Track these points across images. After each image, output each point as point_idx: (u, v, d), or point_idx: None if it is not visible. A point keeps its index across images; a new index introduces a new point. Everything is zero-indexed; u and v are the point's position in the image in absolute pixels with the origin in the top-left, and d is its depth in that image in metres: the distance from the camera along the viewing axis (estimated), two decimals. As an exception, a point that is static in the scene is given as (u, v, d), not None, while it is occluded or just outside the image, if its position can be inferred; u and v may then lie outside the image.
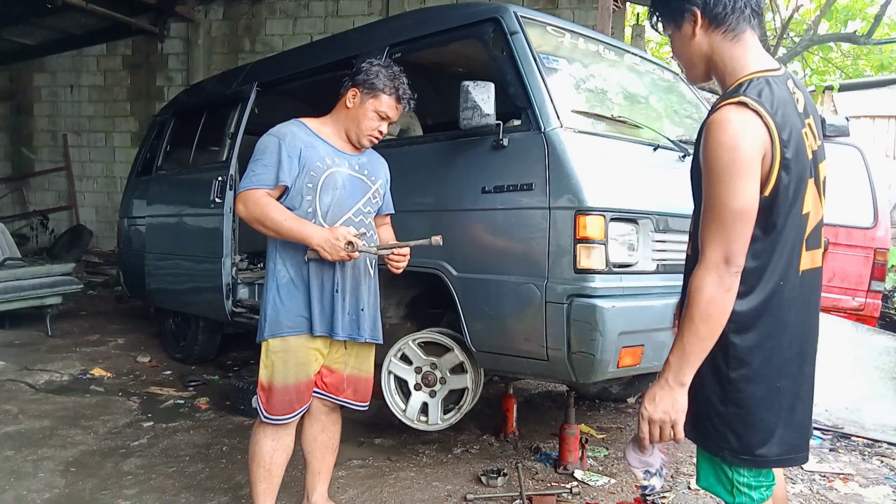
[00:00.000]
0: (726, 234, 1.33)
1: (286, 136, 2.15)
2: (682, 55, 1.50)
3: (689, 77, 1.55)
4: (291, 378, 2.18)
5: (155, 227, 4.79)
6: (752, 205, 1.33)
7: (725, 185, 1.32)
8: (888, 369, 4.16)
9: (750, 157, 1.31)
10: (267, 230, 2.11)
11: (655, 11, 1.52)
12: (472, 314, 2.63)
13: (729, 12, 1.39)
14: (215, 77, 5.40)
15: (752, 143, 1.31)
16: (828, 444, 3.48)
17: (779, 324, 1.45)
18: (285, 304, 2.16)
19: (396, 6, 8.08)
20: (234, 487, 2.76)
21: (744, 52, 1.42)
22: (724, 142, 1.32)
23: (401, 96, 2.20)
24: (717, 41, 1.42)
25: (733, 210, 1.32)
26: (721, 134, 1.32)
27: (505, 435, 3.36)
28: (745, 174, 1.31)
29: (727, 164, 1.31)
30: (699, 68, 1.49)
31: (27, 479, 2.78)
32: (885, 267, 4.95)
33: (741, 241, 1.34)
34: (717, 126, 1.34)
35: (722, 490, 1.54)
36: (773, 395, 1.45)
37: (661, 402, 1.40)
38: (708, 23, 1.41)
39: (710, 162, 1.34)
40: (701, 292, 1.35)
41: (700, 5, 1.40)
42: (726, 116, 1.33)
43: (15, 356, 4.72)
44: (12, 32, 8.96)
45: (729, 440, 1.45)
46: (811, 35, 11.66)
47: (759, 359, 1.44)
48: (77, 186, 9.68)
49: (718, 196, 1.33)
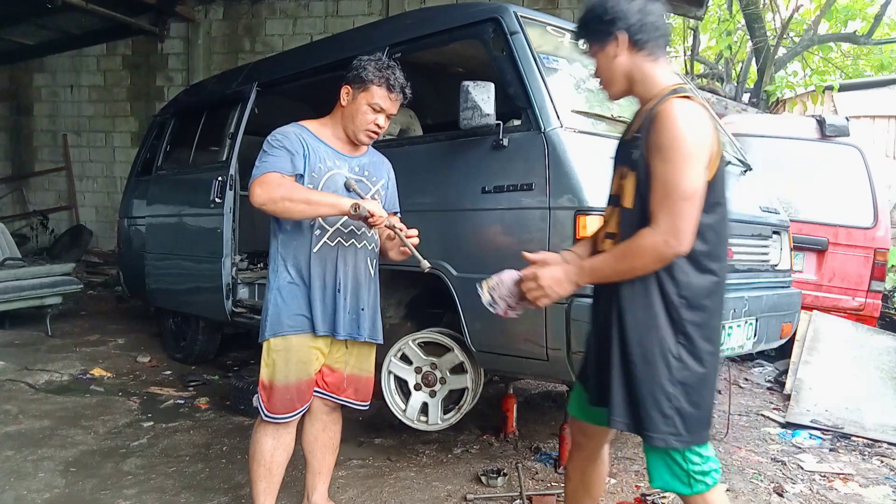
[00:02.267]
0: (678, 212, 1.49)
1: (290, 135, 2.17)
2: (604, 73, 1.70)
3: (610, 93, 1.75)
4: (293, 377, 2.18)
5: (155, 227, 4.79)
6: (703, 187, 1.52)
7: (680, 168, 1.49)
8: (888, 369, 4.16)
9: (704, 144, 1.51)
10: (295, 204, 2.03)
11: (582, 34, 1.72)
12: (472, 314, 2.63)
13: (649, 38, 1.62)
14: (215, 77, 5.40)
15: (705, 131, 1.52)
16: (828, 444, 3.48)
17: (719, 305, 1.64)
18: (287, 303, 2.16)
19: (396, 6, 8.08)
20: (234, 487, 2.76)
21: (662, 70, 1.65)
22: (682, 128, 1.49)
23: (391, 85, 2.17)
24: (639, 61, 1.64)
25: (687, 190, 1.49)
26: (678, 121, 1.50)
27: (505, 435, 3.36)
28: (699, 159, 1.50)
29: (686, 149, 1.49)
30: (620, 84, 1.69)
31: (27, 479, 2.78)
32: (885, 267, 4.95)
33: (691, 221, 1.50)
34: (672, 114, 1.50)
35: (679, 484, 1.61)
36: (712, 374, 1.61)
37: (553, 278, 1.67)
38: (631, 45, 1.63)
39: (666, 147, 1.50)
40: (644, 240, 1.52)
41: (625, 30, 1.61)
42: (679, 106, 1.51)
43: (15, 356, 4.72)
44: (12, 32, 8.95)
45: (675, 423, 1.55)
46: (811, 35, 11.65)
47: (703, 337, 1.58)
48: (77, 186, 9.68)
49: (674, 178, 1.49)
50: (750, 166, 3.35)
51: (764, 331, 2.97)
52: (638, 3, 1.62)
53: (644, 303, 1.58)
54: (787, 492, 2.83)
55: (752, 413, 4.02)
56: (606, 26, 1.63)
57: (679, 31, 14.46)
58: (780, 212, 3.39)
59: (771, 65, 10.08)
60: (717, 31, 11.94)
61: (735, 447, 3.37)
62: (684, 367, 1.56)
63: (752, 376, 4.85)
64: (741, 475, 3.00)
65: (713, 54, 14.53)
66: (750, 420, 3.89)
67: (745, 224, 3.01)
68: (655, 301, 1.58)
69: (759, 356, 5.04)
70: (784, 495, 2.80)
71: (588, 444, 1.91)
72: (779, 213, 3.35)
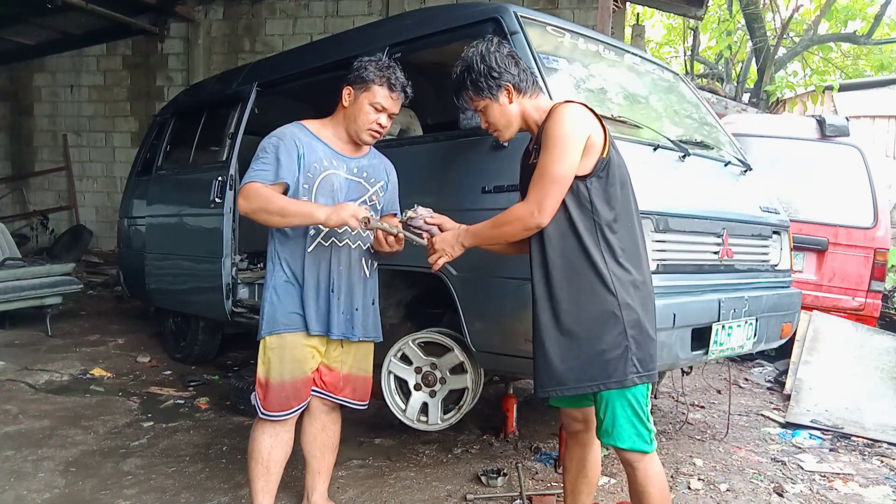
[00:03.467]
0: (546, 191, 1.79)
1: (285, 136, 2.18)
2: (500, 120, 1.97)
3: (504, 136, 2.02)
4: (287, 375, 2.19)
5: (155, 227, 4.78)
6: (571, 173, 1.80)
7: (554, 156, 1.78)
8: (888, 369, 4.16)
9: (577, 135, 1.79)
10: (271, 216, 2.10)
11: (466, 92, 1.98)
12: (472, 314, 2.63)
13: (528, 84, 1.96)
14: (215, 77, 5.39)
15: (579, 123, 1.80)
16: (828, 444, 3.48)
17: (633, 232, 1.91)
18: (282, 301, 2.18)
19: (396, 6, 8.08)
20: (234, 487, 2.76)
21: (543, 100, 1.99)
22: (559, 123, 1.79)
23: (392, 85, 2.19)
24: (525, 102, 1.96)
25: (556, 174, 1.77)
26: (555, 119, 1.81)
27: (505, 435, 3.36)
28: (575, 148, 1.78)
29: (560, 140, 1.77)
30: (515, 125, 1.99)
31: (27, 479, 2.78)
32: (885, 267, 4.95)
33: (556, 200, 1.80)
34: (553, 115, 1.83)
35: (643, 443, 1.84)
36: (649, 313, 1.88)
37: (445, 241, 2.01)
38: (517, 92, 1.94)
39: (546, 140, 1.80)
40: (516, 210, 1.87)
41: (512, 82, 1.93)
42: (559, 108, 1.84)
43: (15, 356, 4.72)
44: (12, 32, 8.95)
45: (635, 363, 1.80)
46: (811, 35, 11.66)
47: (633, 284, 1.84)
48: (77, 186, 9.68)
49: (548, 164, 1.78)
50: (750, 166, 3.35)
51: (764, 331, 2.97)
52: (499, 56, 1.93)
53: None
54: (787, 492, 2.83)
55: (752, 413, 4.02)
56: (497, 82, 1.92)
57: (679, 31, 14.47)
58: (780, 212, 3.39)
59: (771, 65, 10.09)
60: (717, 31, 11.95)
61: (735, 447, 3.38)
62: (633, 311, 1.81)
63: (752, 376, 4.85)
64: (741, 475, 3.00)
65: (713, 54, 14.54)
66: (750, 420, 3.90)
67: (745, 224, 3.01)
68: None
69: (759, 356, 5.04)
70: (784, 495, 2.80)
71: (582, 427, 2.08)
72: (779, 213, 3.35)
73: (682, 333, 2.50)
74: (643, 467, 1.85)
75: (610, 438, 1.86)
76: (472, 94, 1.97)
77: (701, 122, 3.49)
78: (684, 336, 2.51)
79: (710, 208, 2.83)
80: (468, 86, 1.96)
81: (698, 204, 2.77)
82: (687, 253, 2.64)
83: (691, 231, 2.65)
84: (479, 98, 1.96)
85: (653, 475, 1.86)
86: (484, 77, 1.92)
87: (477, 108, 2.01)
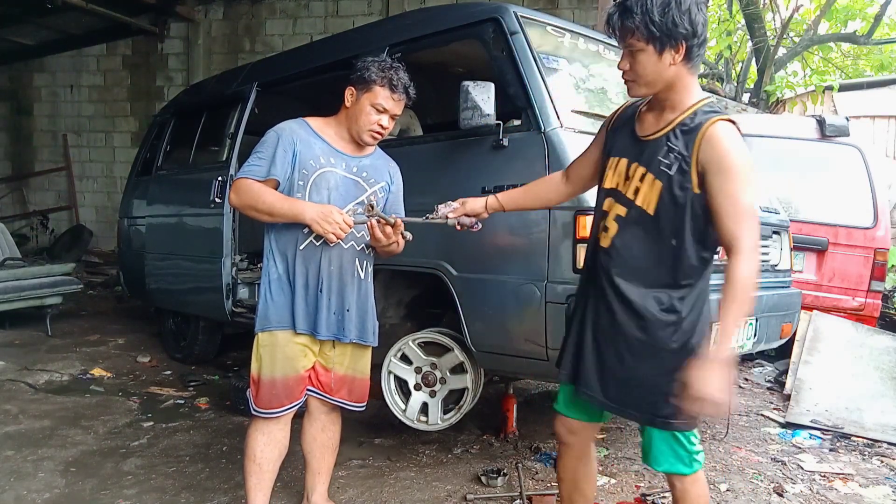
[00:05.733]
0: (754, 229, 1.60)
1: (284, 131, 2.19)
2: (647, 74, 1.64)
3: (637, 92, 1.71)
4: (278, 372, 2.19)
5: (155, 227, 4.79)
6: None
7: (750, 185, 1.59)
8: (888, 369, 4.16)
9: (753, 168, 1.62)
10: (260, 213, 2.12)
11: (641, 31, 1.60)
12: (472, 314, 2.63)
13: (701, 53, 1.63)
14: (215, 77, 5.39)
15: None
16: (828, 444, 3.48)
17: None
18: (274, 299, 2.19)
19: (396, 6, 8.07)
20: (233, 487, 2.75)
21: (696, 83, 1.68)
22: (741, 148, 1.59)
23: (395, 86, 2.18)
24: (684, 71, 1.63)
25: (754, 210, 1.63)
26: (737, 142, 1.60)
27: (505, 435, 3.36)
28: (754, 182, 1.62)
29: (748, 168, 1.59)
30: (657, 87, 1.66)
31: (27, 479, 2.78)
32: (885, 267, 4.95)
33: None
34: (732, 134, 1.60)
35: (682, 466, 1.75)
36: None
37: (710, 380, 1.55)
38: (685, 59, 1.61)
39: (734, 166, 1.58)
40: (745, 267, 1.59)
41: (689, 43, 1.59)
42: (734, 129, 1.62)
43: (15, 356, 4.72)
44: (12, 32, 8.95)
45: (678, 408, 1.64)
46: (811, 35, 11.65)
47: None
48: (77, 186, 9.68)
49: (747, 194, 1.59)
50: (750, 166, 3.35)
51: (764, 331, 2.97)
52: (703, 16, 1.59)
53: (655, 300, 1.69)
54: (787, 492, 2.83)
55: (752, 413, 4.02)
56: (676, 34, 1.57)
57: (679, 31, 14.45)
58: (780, 212, 3.39)
59: (771, 65, 10.08)
60: (717, 31, 11.93)
61: (735, 447, 3.38)
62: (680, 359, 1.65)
63: (752, 376, 4.85)
64: (741, 475, 3.00)
65: (713, 54, 14.51)
66: (750, 420, 3.89)
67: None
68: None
69: (759, 356, 5.04)
70: (784, 495, 2.80)
71: (577, 442, 1.95)
72: (779, 213, 3.35)
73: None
74: (682, 487, 1.77)
75: (648, 459, 1.81)
76: (638, 29, 1.58)
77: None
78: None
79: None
80: (637, 15, 1.58)
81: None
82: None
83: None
84: (641, 38, 1.59)
85: (691, 496, 1.77)
86: (664, 18, 1.55)
87: (628, 45, 1.64)
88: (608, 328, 1.74)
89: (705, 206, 1.61)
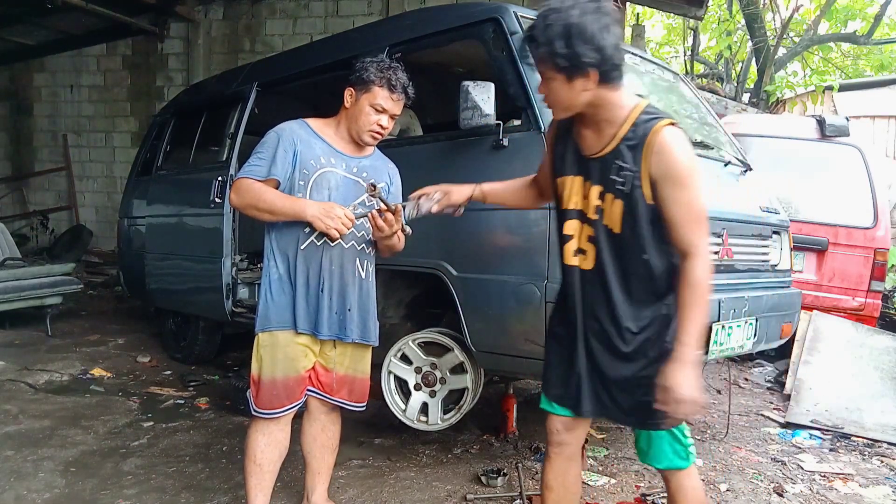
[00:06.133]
0: (706, 233, 1.64)
1: (285, 131, 2.19)
2: (563, 100, 1.63)
3: (558, 115, 1.73)
4: (279, 372, 2.19)
5: (155, 227, 4.79)
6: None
7: (701, 189, 1.63)
8: (888, 369, 4.16)
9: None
10: (261, 213, 2.12)
11: (541, 53, 1.58)
12: (472, 314, 2.63)
13: (617, 74, 1.59)
14: (215, 77, 5.40)
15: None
16: (828, 444, 3.48)
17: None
18: (275, 299, 2.19)
19: (396, 6, 8.07)
20: (234, 487, 2.76)
21: (622, 94, 1.64)
22: (688, 154, 1.62)
23: (393, 86, 2.18)
24: (603, 91, 1.60)
25: (705, 213, 1.65)
26: (684, 147, 1.61)
27: (505, 435, 3.36)
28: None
29: (697, 173, 1.63)
30: (576, 109, 1.65)
31: (27, 479, 2.78)
32: (885, 267, 4.95)
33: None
34: (678, 139, 1.61)
35: (680, 461, 1.79)
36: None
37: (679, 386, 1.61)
38: (599, 80, 1.58)
39: (683, 174, 1.60)
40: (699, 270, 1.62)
41: (599, 68, 1.55)
42: (678, 133, 1.63)
43: (15, 356, 4.72)
44: (12, 32, 8.95)
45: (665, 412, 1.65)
46: (811, 35, 11.66)
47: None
48: (77, 186, 9.68)
49: (699, 200, 1.63)
50: (750, 166, 3.35)
51: (764, 331, 2.97)
52: (613, 39, 1.54)
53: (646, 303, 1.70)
54: (787, 492, 2.83)
55: (752, 413, 4.02)
56: (582, 64, 1.53)
57: (679, 31, 14.47)
58: (780, 212, 3.39)
59: (771, 65, 10.09)
60: (717, 31, 11.94)
61: (735, 447, 3.38)
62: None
63: (752, 376, 4.85)
64: (741, 475, 3.00)
65: (713, 54, 14.53)
66: (750, 420, 3.89)
67: (745, 224, 3.01)
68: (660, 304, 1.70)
69: (759, 356, 5.04)
70: (784, 495, 2.80)
71: (571, 440, 1.90)
72: (779, 213, 3.35)
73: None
74: (677, 482, 1.82)
75: (645, 457, 1.84)
76: (546, 60, 1.58)
77: (701, 122, 3.49)
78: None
79: (710, 208, 2.80)
80: (542, 46, 1.56)
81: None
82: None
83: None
84: (550, 69, 1.58)
85: (686, 489, 1.81)
86: (568, 50, 1.52)
87: (540, 73, 1.64)
88: (602, 350, 1.72)
89: (659, 214, 1.63)
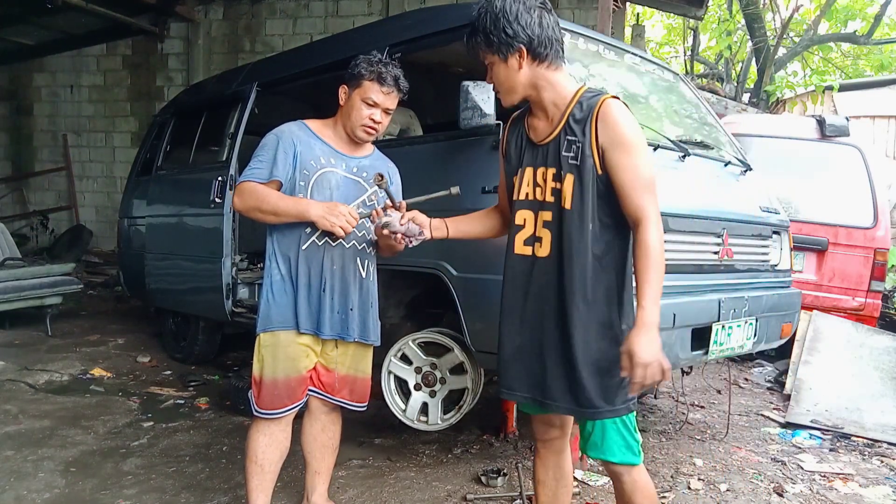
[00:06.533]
0: (656, 197, 1.66)
1: (284, 133, 2.19)
2: (505, 82, 1.74)
3: (507, 100, 1.78)
4: (280, 373, 2.19)
5: (155, 227, 4.79)
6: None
7: (648, 157, 1.68)
8: (888, 369, 4.16)
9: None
10: (265, 214, 2.12)
11: (480, 44, 1.72)
12: (472, 314, 2.63)
13: (549, 52, 1.69)
14: (215, 77, 5.40)
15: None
16: (828, 444, 3.48)
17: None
18: (276, 299, 2.19)
19: (396, 6, 8.08)
20: (234, 487, 2.76)
21: (565, 78, 1.74)
22: (633, 123, 1.67)
23: (383, 79, 2.17)
24: (539, 71, 1.70)
25: (654, 177, 1.67)
26: (628, 117, 1.67)
27: (505, 435, 3.36)
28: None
29: (643, 142, 1.67)
30: (521, 93, 1.74)
31: (27, 479, 2.78)
32: (885, 267, 4.95)
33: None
34: (622, 110, 1.68)
35: (633, 455, 1.76)
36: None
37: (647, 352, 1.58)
38: (531, 59, 1.68)
39: (630, 139, 1.64)
40: (653, 235, 1.63)
41: (527, 46, 1.67)
42: (622, 105, 1.69)
43: (15, 356, 4.72)
44: (12, 32, 8.95)
45: (626, 389, 1.66)
46: (811, 35, 11.66)
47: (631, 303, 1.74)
48: (77, 186, 9.68)
49: (646, 166, 1.66)
50: (750, 166, 3.35)
51: (764, 331, 2.97)
52: (535, 16, 1.67)
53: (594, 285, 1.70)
54: (787, 492, 2.83)
55: (752, 413, 4.02)
56: (508, 40, 1.66)
57: (679, 31, 14.48)
58: (780, 212, 3.39)
59: (771, 65, 10.09)
60: (717, 31, 11.94)
61: (735, 447, 3.38)
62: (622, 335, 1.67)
63: (752, 376, 4.85)
64: (741, 475, 3.00)
65: (713, 54, 14.54)
66: (750, 420, 3.90)
67: (745, 224, 3.01)
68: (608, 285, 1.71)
69: (759, 356, 5.04)
70: (784, 495, 2.80)
71: (556, 434, 1.94)
72: (779, 213, 3.35)
73: (682, 333, 2.50)
74: (631, 479, 1.77)
75: (599, 452, 1.77)
76: (483, 45, 1.72)
77: (701, 122, 3.49)
78: (684, 336, 2.52)
79: (710, 208, 2.83)
80: (479, 33, 1.72)
81: (698, 204, 2.77)
82: (687, 253, 2.64)
83: (691, 231, 2.65)
84: (488, 52, 1.72)
85: (641, 485, 1.78)
86: (497, 31, 1.67)
87: (484, 61, 1.77)
88: (559, 335, 1.72)
89: (609, 184, 1.66)
